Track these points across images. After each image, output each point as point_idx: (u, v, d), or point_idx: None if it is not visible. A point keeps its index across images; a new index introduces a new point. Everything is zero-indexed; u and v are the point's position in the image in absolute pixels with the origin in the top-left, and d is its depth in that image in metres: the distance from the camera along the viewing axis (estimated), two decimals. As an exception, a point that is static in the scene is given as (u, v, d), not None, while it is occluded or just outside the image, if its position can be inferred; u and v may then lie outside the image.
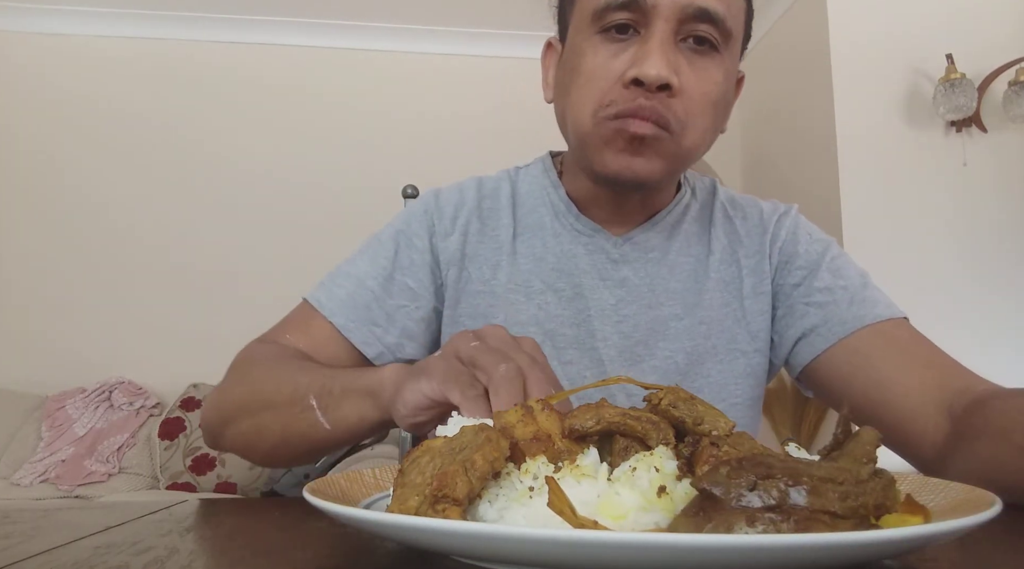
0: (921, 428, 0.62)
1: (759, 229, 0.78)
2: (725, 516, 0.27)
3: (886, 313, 0.69)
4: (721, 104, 0.67)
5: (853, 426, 0.34)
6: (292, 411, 0.59)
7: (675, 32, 0.63)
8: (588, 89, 0.65)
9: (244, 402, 0.65)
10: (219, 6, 3.05)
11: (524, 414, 0.37)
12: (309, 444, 0.61)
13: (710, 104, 0.65)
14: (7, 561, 0.34)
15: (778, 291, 0.76)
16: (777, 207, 0.81)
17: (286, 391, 0.61)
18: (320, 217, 3.06)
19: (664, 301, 0.74)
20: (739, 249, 0.77)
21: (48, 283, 2.95)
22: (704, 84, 0.64)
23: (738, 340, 0.74)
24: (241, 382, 0.67)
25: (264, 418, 0.62)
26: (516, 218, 0.77)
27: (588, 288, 0.74)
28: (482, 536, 0.26)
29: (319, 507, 0.32)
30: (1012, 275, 2.32)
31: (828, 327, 0.70)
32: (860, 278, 0.73)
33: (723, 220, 0.79)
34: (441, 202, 0.78)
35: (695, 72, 0.64)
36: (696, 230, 0.78)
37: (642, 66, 0.61)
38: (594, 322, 0.72)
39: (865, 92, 2.41)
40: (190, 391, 2.74)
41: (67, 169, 3.03)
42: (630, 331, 0.73)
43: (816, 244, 0.77)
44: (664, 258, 0.75)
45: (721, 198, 0.81)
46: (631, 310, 0.73)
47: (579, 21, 0.67)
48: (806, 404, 2.51)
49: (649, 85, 0.61)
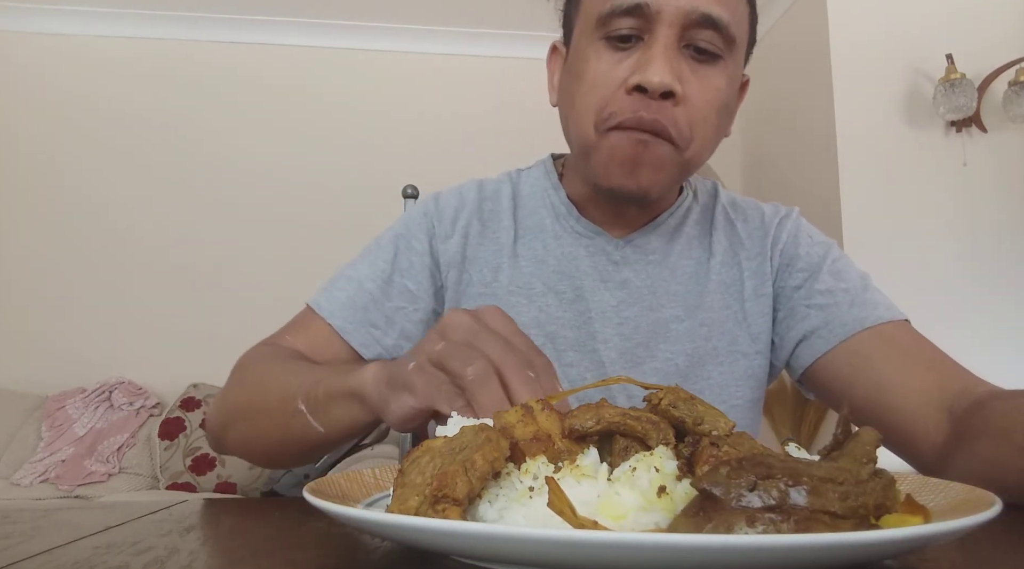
0: (922, 430, 0.62)
1: (760, 232, 0.78)
2: (725, 516, 0.27)
3: (887, 315, 0.69)
4: (725, 111, 0.67)
5: (853, 426, 0.34)
6: (285, 415, 0.59)
7: (679, 39, 0.62)
8: (590, 96, 0.65)
9: (241, 406, 0.65)
10: (219, 6, 3.05)
11: (524, 414, 0.37)
12: (306, 446, 0.61)
13: (714, 111, 0.65)
14: (7, 561, 0.34)
15: (779, 293, 0.76)
16: (778, 210, 0.81)
17: (276, 395, 0.61)
18: (320, 217, 3.06)
19: (665, 303, 0.74)
20: (740, 252, 0.77)
21: (48, 283, 2.95)
22: (708, 92, 0.64)
23: (739, 342, 0.74)
24: (239, 386, 0.68)
25: (260, 422, 0.63)
26: (517, 220, 0.77)
27: (589, 290, 0.73)
28: (482, 536, 0.26)
29: (319, 507, 0.32)
30: (1012, 275, 2.32)
31: (829, 329, 0.70)
32: (861, 280, 0.73)
33: (724, 223, 0.79)
34: (441, 205, 0.78)
35: (698, 79, 0.64)
36: (697, 233, 0.78)
37: (645, 73, 0.61)
38: (595, 324, 0.72)
39: (865, 92, 2.41)
40: (190, 391, 2.73)
41: (67, 169, 3.03)
42: (631, 333, 0.72)
43: (817, 246, 0.77)
44: (665, 260, 0.75)
45: (723, 201, 0.81)
46: (632, 312, 0.73)
47: (583, 26, 0.67)
48: (806, 404, 2.51)
49: (652, 92, 0.61)
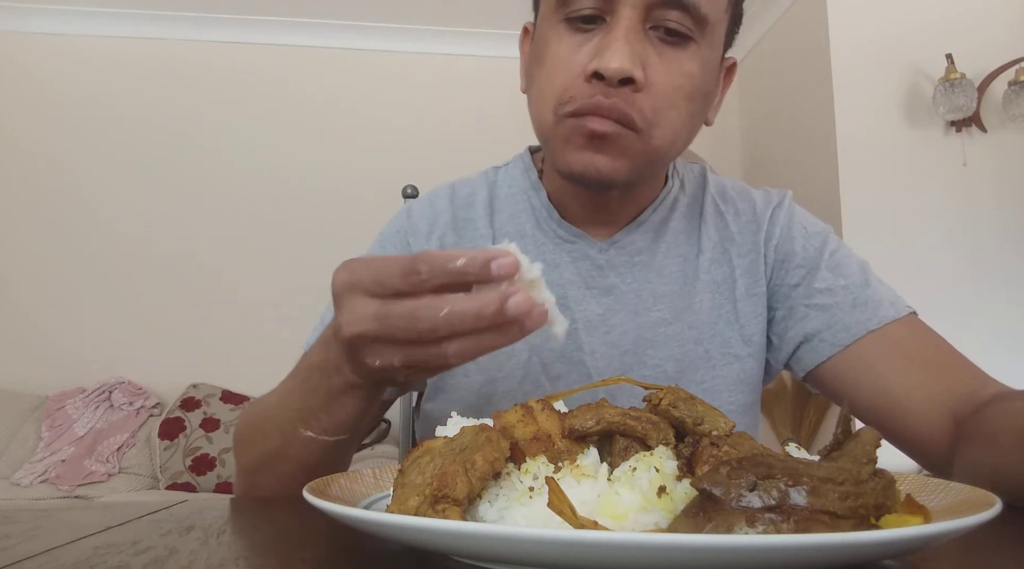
0: (927, 435, 0.61)
1: (752, 226, 0.74)
2: (725, 516, 0.27)
3: (891, 313, 0.66)
4: (698, 96, 0.62)
5: (854, 426, 0.34)
6: (295, 448, 0.56)
7: (643, 20, 0.58)
8: (551, 82, 0.61)
9: (255, 464, 0.61)
10: (219, 6, 3.05)
11: (524, 414, 0.38)
12: (331, 458, 0.57)
13: (683, 98, 0.60)
14: (7, 561, 0.34)
15: (775, 292, 0.73)
16: (770, 199, 0.76)
17: (276, 439, 0.57)
18: (321, 217, 3.06)
19: (651, 307, 0.71)
20: (731, 248, 0.73)
21: (48, 283, 2.95)
22: (675, 77, 0.59)
23: (731, 344, 0.71)
24: (245, 445, 0.63)
25: (280, 468, 0.58)
26: (495, 227, 0.74)
27: (574, 299, 0.70)
28: (482, 536, 0.26)
29: (319, 507, 0.32)
30: (1012, 275, 2.32)
31: (832, 332, 0.68)
32: (861, 273, 0.70)
33: (714, 216, 0.75)
34: (414, 219, 0.75)
35: (666, 63, 0.59)
36: (684, 228, 0.74)
37: (603, 58, 0.57)
38: (581, 335, 0.70)
39: (865, 92, 2.41)
40: (190, 391, 2.74)
41: (67, 169, 3.03)
42: (617, 340, 0.70)
43: (813, 239, 0.73)
44: (651, 261, 0.72)
45: (712, 191, 0.77)
46: (618, 319, 0.70)
47: (546, 6, 0.63)
48: (806, 404, 2.51)
49: (610, 79, 0.57)
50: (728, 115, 3.26)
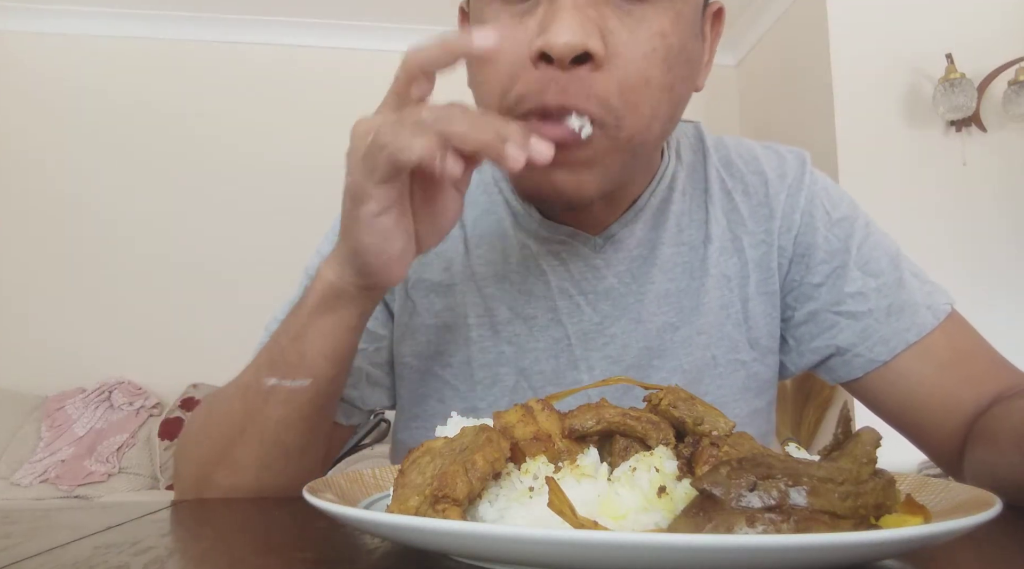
0: (937, 440, 0.60)
1: (765, 209, 0.63)
2: (725, 516, 0.27)
3: (929, 321, 0.60)
4: (679, 60, 0.49)
5: (854, 426, 0.34)
6: (256, 419, 0.50)
7: None
8: (489, 72, 0.50)
9: (209, 452, 0.54)
10: (219, 6, 3.05)
11: (524, 414, 0.38)
12: (296, 433, 0.51)
13: (658, 65, 0.48)
14: (7, 561, 0.34)
15: (793, 289, 0.63)
16: (784, 173, 0.64)
17: (236, 412, 0.51)
18: (321, 218, 3.02)
19: (655, 310, 0.61)
20: (743, 236, 0.62)
21: (48, 283, 2.95)
22: (645, 41, 0.47)
23: (738, 349, 0.62)
24: (197, 437, 0.57)
25: (237, 451, 0.52)
26: (465, 228, 0.63)
27: (565, 310, 0.60)
28: (482, 536, 0.26)
29: (319, 507, 0.32)
30: (1012, 275, 2.32)
31: (868, 347, 0.60)
32: (893, 269, 0.63)
33: (721, 195, 0.63)
34: None
35: (630, 28, 0.47)
36: (688, 208, 0.63)
37: (548, 33, 0.45)
38: (576, 350, 0.60)
39: (865, 91, 2.41)
40: (190, 391, 2.74)
41: (67, 169, 3.03)
42: (618, 354, 0.60)
43: (837, 227, 0.63)
44: (652, 254, 0.61)
45: (714, 161, 0.65)
46: (618, 328, 0.60)
47: None
48: (806, 404, 2.51)
49: (560, 59, 0.45)
50: (728, 115, 3.26)
